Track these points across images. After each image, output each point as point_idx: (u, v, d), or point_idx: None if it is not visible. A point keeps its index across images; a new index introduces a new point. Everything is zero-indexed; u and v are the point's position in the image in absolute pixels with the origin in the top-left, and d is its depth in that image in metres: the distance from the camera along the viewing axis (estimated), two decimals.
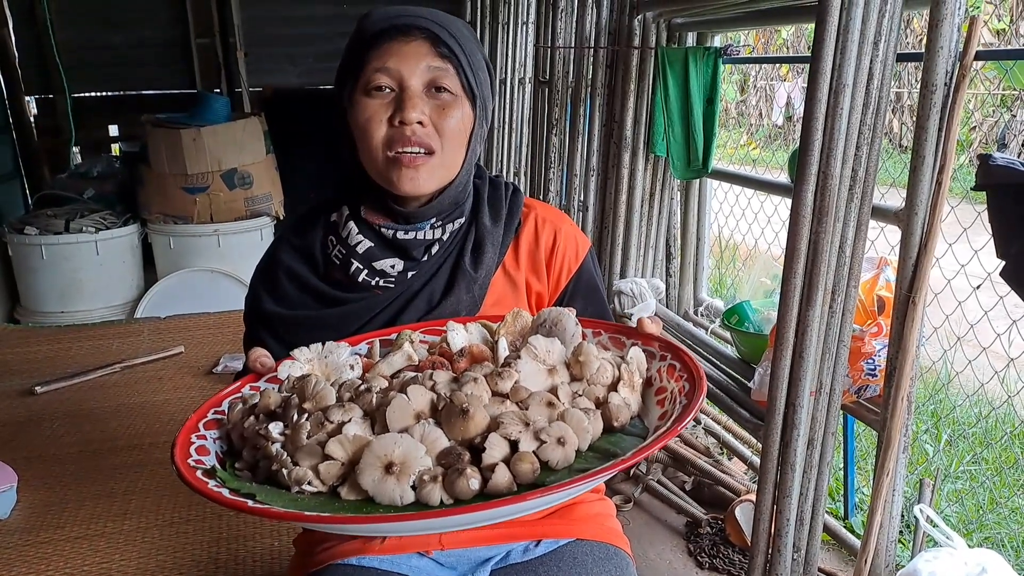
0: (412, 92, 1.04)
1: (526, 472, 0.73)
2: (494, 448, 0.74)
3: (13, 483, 2.19)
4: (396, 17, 1.06)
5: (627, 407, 0.84)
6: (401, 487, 0.72)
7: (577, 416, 0.78)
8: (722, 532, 2.16)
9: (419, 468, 0.73)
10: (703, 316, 2.81)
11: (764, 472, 1.69)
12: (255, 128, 4.10)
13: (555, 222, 1.20)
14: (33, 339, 3.51)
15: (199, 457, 0.83)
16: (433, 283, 1.12)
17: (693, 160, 2.49)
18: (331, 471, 0.75)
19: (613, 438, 0.80)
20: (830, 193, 1.54)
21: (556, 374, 0.85)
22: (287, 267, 1.15)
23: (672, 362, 0.90)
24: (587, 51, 2.84)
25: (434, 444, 0.75)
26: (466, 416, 0.76)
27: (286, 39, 4.85)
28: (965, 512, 2.42)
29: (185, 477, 0.77)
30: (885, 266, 1.83)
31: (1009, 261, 1.44)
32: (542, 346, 0.86)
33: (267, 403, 0.86)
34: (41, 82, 4.59)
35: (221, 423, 0.90)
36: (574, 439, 0.76)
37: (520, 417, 0.77)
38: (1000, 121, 7.46)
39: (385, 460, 0.73)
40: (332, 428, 0.78)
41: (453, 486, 0.72)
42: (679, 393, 0.85)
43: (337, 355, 0.95)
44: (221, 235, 3.99)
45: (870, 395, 1.79)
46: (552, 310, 0.95)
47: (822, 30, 1.51)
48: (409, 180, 1.06)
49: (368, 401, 0.81)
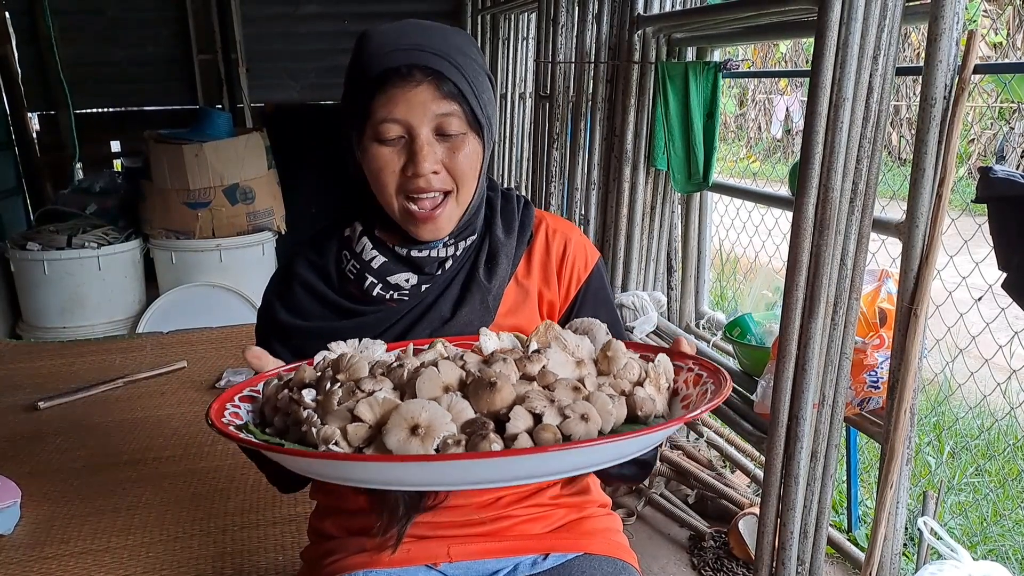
0: (422, 142, 1.03)
1: (547, 441, 0.74)
2: (518, 419, 0.75)
3: (16, 499, 2.18)
4: (395, 54, 1.02)
5: (652, 400, 0.84)
6: (425, 448, 0.74)
7: (602, 399, 0.79)
8: (726, 545, 2.15)
9: (444, 433, 0.74)
10: (705, 329, 2.82)
11: (767, 485, 1.69)
12: (257, 143, 4.12)
13: (566, 232, 1.21)
14: (36, 354, 3.52)
15: (231, 419, 0.86)
16: (447, 295, 1.13)
17: (694, 174, 2.50)
18: (358, 432, 0.76)
19: (636, 427, 0.81)
20: (831, 206, 1.55)
21: (584, 366, 0.86)
22: (303, 279, 1.16)
23: (699, 372, 0.90)
24: (587, 66, 2.86)
25: (460, 414, 0.77)
26: (493, 388, 0.77)
27: (287, 55, 4.88)
28: (969, 524, 2.41)
29: (216, 425, 0.80)
30: (886, 278, 1.83)
31: (1011, 273, 1.45)
32: (572, 340, 0.88)
33: (302, 377, 0.88)
34: (44, 98, 4.62)
35: (255, 399, 0.92)
36: (598, 418, 0.77)
37: (546, 395, 0.78)
38: (999, 134, 7.48)
39: (412, 422, 0.74)
40: (363, 397, 0.80)
41: (475, 448, 0.73)
42: (703, 396, 0.86)
43: (372, 351, 0.97)
44: (223, 250, 4.00)
45: (873, 407, 1.79)
46: (584, 320, 0.96)
47: (822, 44, 1.53)
48: (429, 232, 1.08)
49: (400, 376, 0.83)
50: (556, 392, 0.79)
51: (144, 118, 4.77)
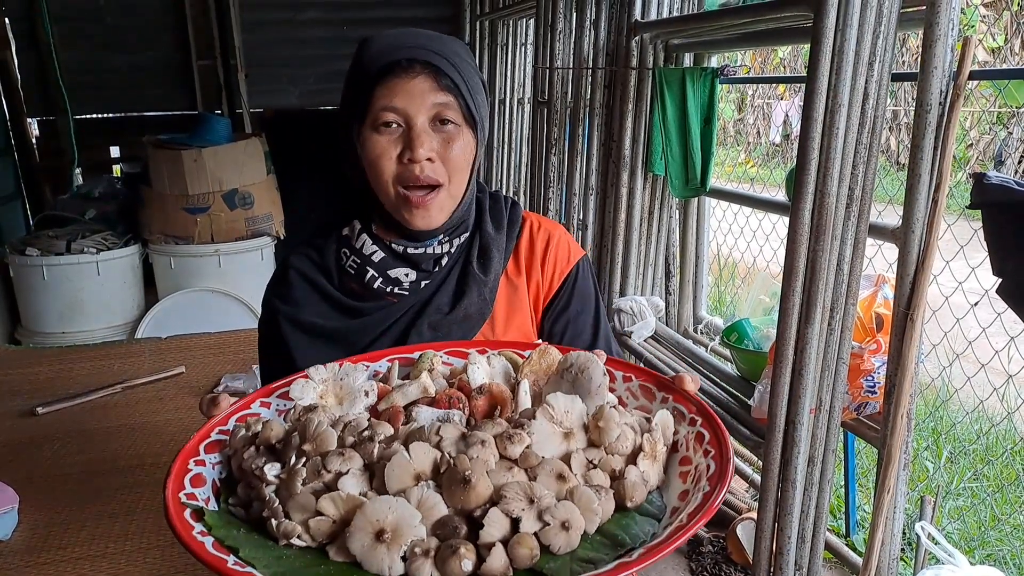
0: (419, 129, 1.08)
1: (524, 557, 0.70)
2: (493, 526, 0.71)
3: (14, 504, 2.18)
4: (397, 50, 1.08)
5: (643, 484, 0.79)
6: (391, 557, 0.69)
7: (587, 496, 0.74)
8: (724, 550, 2.15)
9: (411, 538, 0.70)
10: (703, 334, 2.82)
11: (765, 490, 1.69)
12: (256, 149, 4.13)
13: (549, 229, 1.27)
14: (34, 360, 3.51)
15: (193, 489, 0.80)
16: (444, 289, 1.18)
17: (691, 179, 2.51)
18: (321, 528, 0.73)
19: (624, 520, 0.76)
20: (827, 212, 1.56)
21: (572, 438, 0.81)
22: (304, 274, 1.19)
23: (702, 430, 0.84)
24: (585, 72, 2.87)
25: (431, 511, 0.72)
26: (468, 486, 0.73)
27: (286, 61, 4.89)
28: (967, 529, 2.41)
29: (171, 517, 0.74)
30: (883, 283, 1.84)
31: (1005, 279, 1.45)
32: (561, 406, 0.82)
33: (268, 436, 0.84)
34: (43, 104, 4.62)
35: (224, 444, 0.89)
36: (580, 523, 0.72)
37: (525, 491, 0.73)
38: (997, 138, 7.49)
39: (377, 526, 0.70)
40: (329, 478, 0.76)
41: (445, 565, 0.68)
42: (704, 471, 0.79)
43: (352, 379, 0.93)
44: (222, 255, 4.00)
45: (870, 412, 1.79)
46: (581, 355, 0.90)
47: (817, 51, 1.54)
48: (421, 218, 1.12)
49: (370, 452, 0.78)
50: (538, 482, 0.75)
51: (143, 124, 4.78)
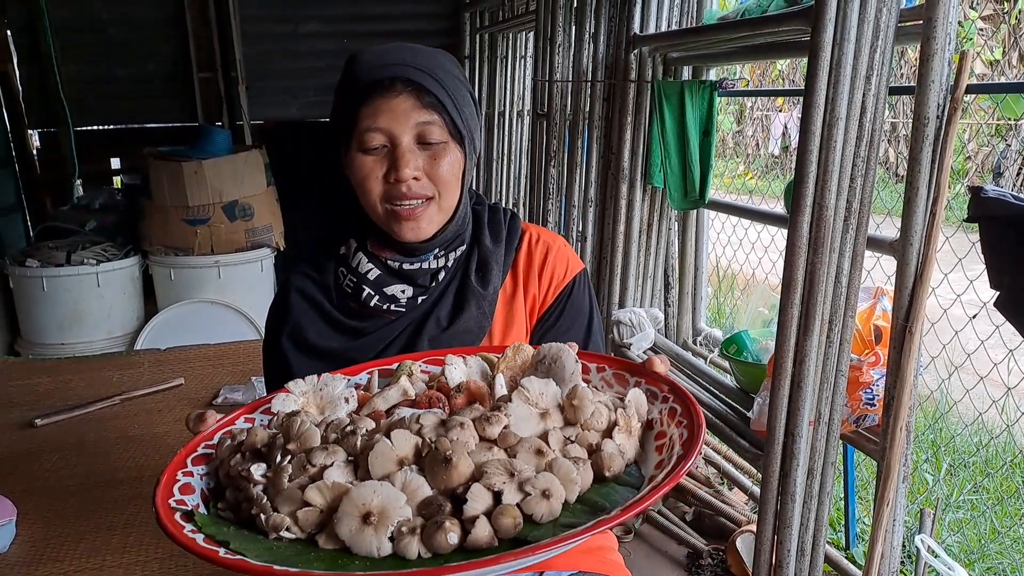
0: (403, 149, 1.08)
1: (508, 527, 0.71)
2: (476, 500, 0.72)
3: (12, 516, 2.18)
4: (380, 68, 1.08)
5: (620, 455, 0.81)
6: (379, 538, 0.71)
7: (565, 467, 0.76)
8: (723, 563, 2.15)
9: (398, 518, 0.72)
10: (702, 346, 2.82)
11: (764, 502, 1.69)
12: (256, 160, 4.14)
13: (548, 241, 1.25)
14: (34, 371, 3.51)
15: (182, 496, 0.81)
16: (443, 304, 1.17)
17: (690, 191, 2.51)
18: (309, 518, 0.74)
19: (604, 489, 0.78)
20: (825, 224, 1.56)
21: (548, 418, 0.83)
22: (304, 293, 1.20)
23: (674, 405, 0.87)
24: (585, 84, 2.88)
25: (415, 493, 0.74)
26: (449, 465, 0.74)
27: (287, 73, 4.91)
28: (967, 542, 2.41)
29: (161, 518, 0.76)
30: (881, 296, 1.84)
31: (1003, 292, 1.46)
32: (535, 388, 0.84)
33: (253, 441, 0.85)
34: (44, 115, 4.64)
35: (211, 458, 0.89)
36: (560, 491, 0.74)
37: (505, 466, 0.75)
38: (995, 150, 7.51)
39: (363, 510, 0.71)
40: (314, 472, 0.77)
41: (431, 539, 0.70)
42: (678, 440, 0.82)
43: (332, 388, 0.94)
44: (222, 267, 4.00)
45: (869, 424, 1.79)
46: (552, 346, 0.93)
47: (815, 65, 1.55)
48: (410, 230, 1.12)
49: (353, 444, 0.79)
50: (517, 459, 0.77)
51: (144, 135, 4.79)
